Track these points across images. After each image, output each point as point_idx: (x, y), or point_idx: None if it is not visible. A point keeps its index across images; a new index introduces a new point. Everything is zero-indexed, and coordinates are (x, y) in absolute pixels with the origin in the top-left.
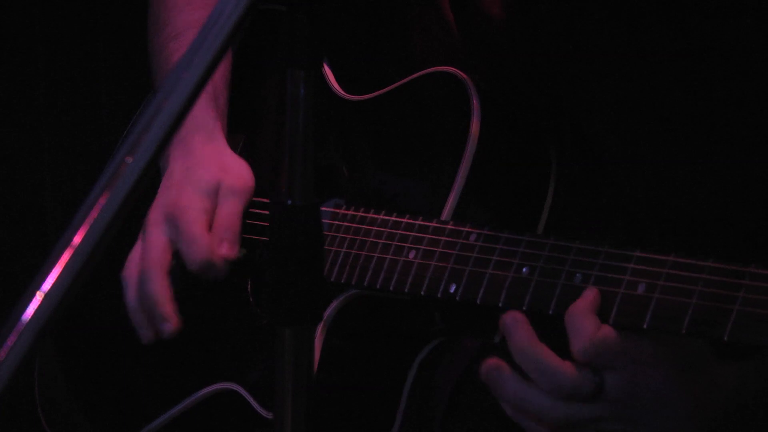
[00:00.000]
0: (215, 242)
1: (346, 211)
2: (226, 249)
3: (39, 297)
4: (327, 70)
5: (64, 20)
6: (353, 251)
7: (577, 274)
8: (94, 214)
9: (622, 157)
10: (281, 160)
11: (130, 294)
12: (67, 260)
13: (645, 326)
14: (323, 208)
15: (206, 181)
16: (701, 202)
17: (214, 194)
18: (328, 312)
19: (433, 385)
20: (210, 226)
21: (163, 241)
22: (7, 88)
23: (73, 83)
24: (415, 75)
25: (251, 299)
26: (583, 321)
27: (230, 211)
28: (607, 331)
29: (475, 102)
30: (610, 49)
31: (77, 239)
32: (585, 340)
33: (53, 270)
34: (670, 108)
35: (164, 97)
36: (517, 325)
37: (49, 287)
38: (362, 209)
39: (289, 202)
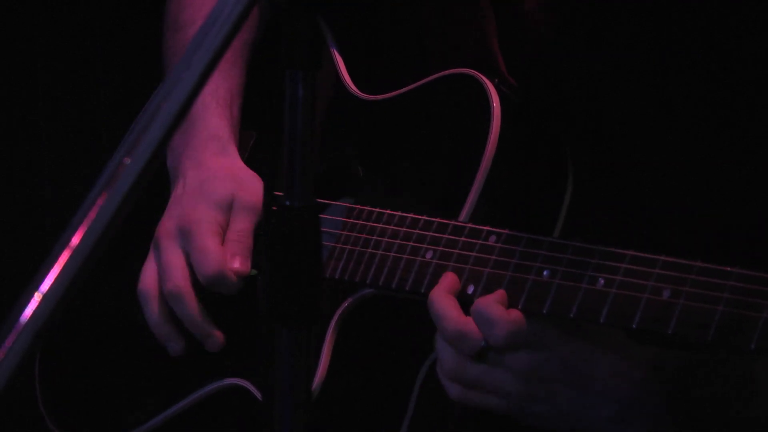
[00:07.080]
0: (227, 256)
1: (362, 207)
2: (238, 263)
3: (37, 298)
4: (342, 69)
5: (64, 20)
6: (368, 250)
7: (600, 279)
8: (92, 215)
9: (642, 160)
10: (280, 161)
11: (152, 309)
12: (65, 261)
13: (670, 332)
14: (338, 203)
15: (220, 194)
16: (720, 205)
17: (228, 209)
18: (341, 310)
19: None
20: (222, 241)
21: (181, 257)
22: (7, 88)
23: (73, 83)
24: (433, 76)
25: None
26: (494, 308)
27: (243, 226)
28: (516, 314)
29: (495, 104)
30: (634, 52)
31: (75, 240)
32: (499, 325)
33: (51, 271)
34: (691, 112)
35: (163, 98)
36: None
37: (47, 288)
38: (378, 207)
39: (288, 203)
